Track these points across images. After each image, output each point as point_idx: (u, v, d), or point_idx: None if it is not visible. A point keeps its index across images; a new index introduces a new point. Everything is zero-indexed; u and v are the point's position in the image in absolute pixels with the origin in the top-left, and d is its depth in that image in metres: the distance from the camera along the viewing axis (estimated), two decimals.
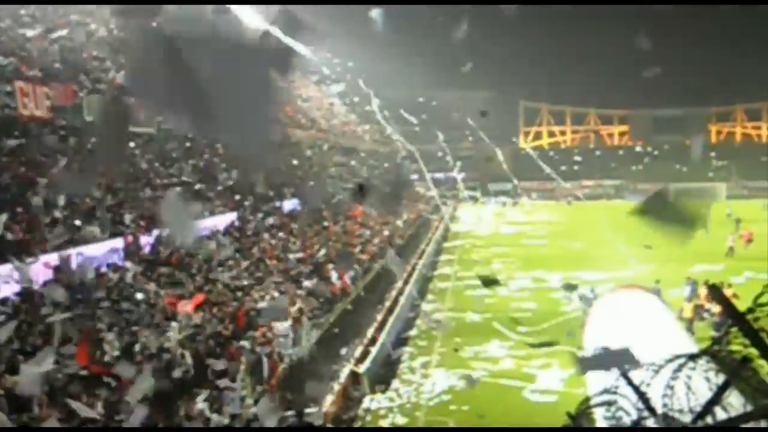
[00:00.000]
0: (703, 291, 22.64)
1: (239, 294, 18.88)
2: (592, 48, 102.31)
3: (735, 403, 3.02)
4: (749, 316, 2.12)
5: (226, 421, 12.56)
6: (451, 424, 15.55)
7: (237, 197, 28.60)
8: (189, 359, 13.85)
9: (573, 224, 58.73)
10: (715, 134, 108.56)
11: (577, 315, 23.15)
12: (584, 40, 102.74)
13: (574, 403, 5.50)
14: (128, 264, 17.23)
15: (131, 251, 18.01)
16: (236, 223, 26.22)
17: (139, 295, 15.61)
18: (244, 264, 21.84)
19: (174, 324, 14.88)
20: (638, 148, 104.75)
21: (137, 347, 13.31)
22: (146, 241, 19.09)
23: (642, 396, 3.24)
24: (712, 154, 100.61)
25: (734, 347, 2.38)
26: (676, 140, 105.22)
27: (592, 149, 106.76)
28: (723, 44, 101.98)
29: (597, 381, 13.11)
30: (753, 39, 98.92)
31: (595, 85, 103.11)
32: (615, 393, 3.93)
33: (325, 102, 71.76)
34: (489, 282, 22.63)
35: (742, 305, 2.44)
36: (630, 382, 3.39)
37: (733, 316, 2.07)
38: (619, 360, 4.21)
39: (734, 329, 2.13)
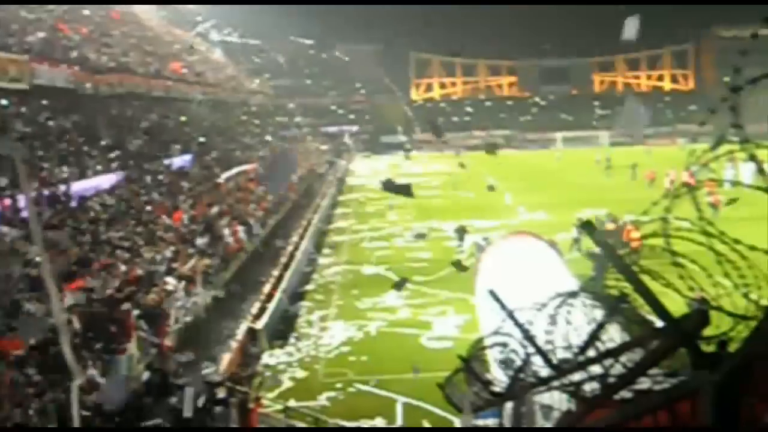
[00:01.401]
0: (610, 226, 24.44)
1: (129, 255, 18.25)
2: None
3: (616, 336, 3.12)
4: (623, 252, 2.17)
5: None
6: (351, 375, 15.72)
7: (122, 155, 27.53)
8: (77, 324, 13.33)
9: (465, 174, 59.79)
10: (598, 84, 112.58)
11: (471, 262, 23.73)
12: None
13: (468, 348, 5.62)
14: (5, 229, 16.32)
15: (8, 216, 17.06)
16: (122, 183, 25.26)
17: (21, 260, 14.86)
18: (133, 224, 21.12)
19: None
20: (527, 98, 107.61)
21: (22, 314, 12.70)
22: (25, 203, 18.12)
23: (527, 334, 3.31)
24: (596, 103, 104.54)
25: (611, 283, 2.44)
26: (562, 90, 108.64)
27: (483, 100, 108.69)
28: None
29: (489, 325, 13.51)
30: None
31: (483, 36, 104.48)
32: (504, 334, 4.01)
33: (212, 56, 69.63)
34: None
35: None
36: (516, 322, 3.46)
37: (606, 253, 2.11)
38: None
39: (611, 266, 2.19)
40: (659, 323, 2.09)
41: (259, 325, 17.78)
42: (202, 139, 38.43)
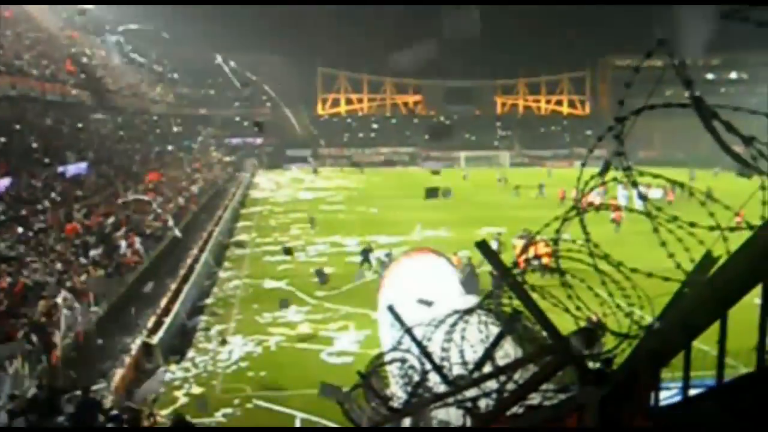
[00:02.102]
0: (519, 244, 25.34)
1: (14, 266, 17.42)
2: (389, 18, 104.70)
3: (511, 352, 3.20)
4: (515, 271, 2.23)
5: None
6: (249, 390, 15.46)
7: (12, 160, 26.29)
8: None
9: (369, 190, 60.30)
10: (500, 106, 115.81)
11: (373, 278, 23.86)
12: (381, 9, 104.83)
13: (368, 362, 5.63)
14: None
15: None
16: (11, 190, 24.11)
17: None
18: (22, 233, 20.18)
19: None
20: (432, 117, 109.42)
21: None
22: None
23: (424, 350, 3.36)
24: (498, 123, 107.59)
25: (504, 300, 2.51)
26: (466, 110, 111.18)
27: (388, 117, 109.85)
28: (508, 21, 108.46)
29: (390, 341, 13.61)
30: (533, 18, 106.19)
31: (390, 54, 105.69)
32: (403, 351, 4.05)
33: (112, 61, 67.57)
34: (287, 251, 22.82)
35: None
36: (413, 338, 3.50)
37: (499, 271, 2.17)
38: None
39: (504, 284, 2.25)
40: (550, 341, 2.17)
41: (155, 339, 17.26)
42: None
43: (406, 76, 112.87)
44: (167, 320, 18.74)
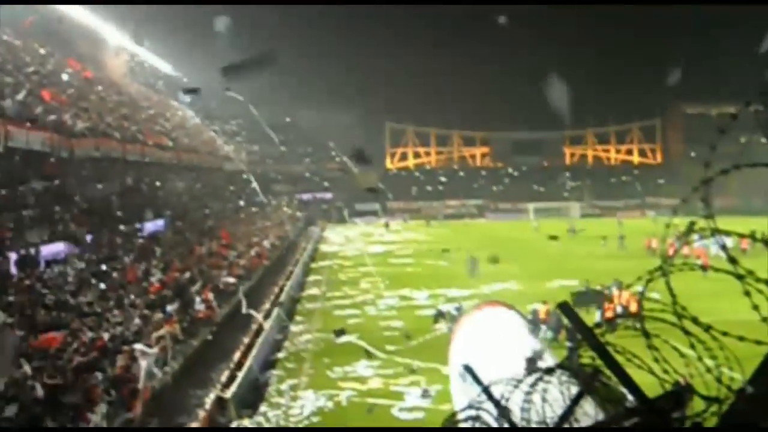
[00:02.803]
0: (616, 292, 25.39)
1: (96, 321, 17.95)
2: (454, 71, 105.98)
3: (591, 413, 3.14)
4: (597, 331, 2.21)
5: None
6: None
7: (94, 219, 27.33)
8: (40, 391, 13.00)
9: (437, 243, 60.20)
10: (569, 156, 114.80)
11: (444, 332, 23.67)
12: (449, 64, 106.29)
13: (441, 419, 5.57)
14: None
15: None
16: (93, 247, 25.01)
17: None
18: (102, 289, 20.84)
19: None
20: (500, 169, 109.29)
21: None
22: None
23: (502, 410, 3.32)
24: (567, 174, 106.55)
25: (585, 360, 2.48)
26: (534, 162, 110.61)
27: (456, 170, 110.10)
28: (575, 71, 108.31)
29: (462, 397, 13.41)
30: (600, 68, 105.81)
31: (458, 107, 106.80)
32: (478, 408, 4.00)
33: (187, 121, 70.06)
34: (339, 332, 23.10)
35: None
36: (491, 397, 3.46)
37: (581, 331, 2.16)
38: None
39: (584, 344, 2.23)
40: (634, 402, 2.13)
41: (228, 393, 17.44)
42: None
43: (474, 128, 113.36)
44: (240, 374, 18.95)
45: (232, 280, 30.30)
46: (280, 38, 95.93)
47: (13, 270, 18.96)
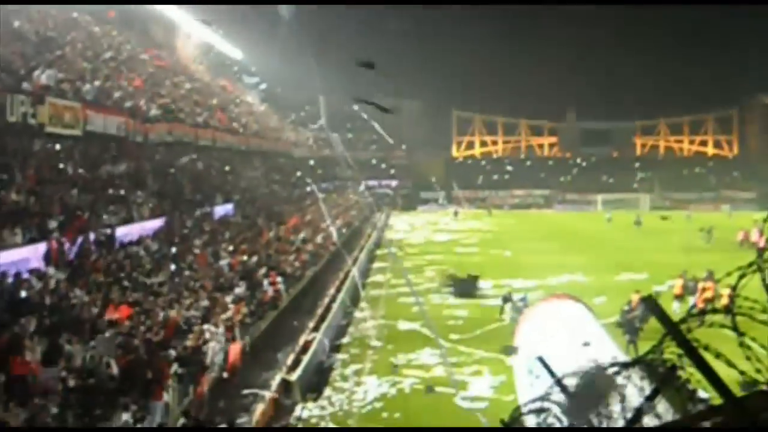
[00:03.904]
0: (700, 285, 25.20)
1: (168, 301, 18.46)
2: (524, 59, 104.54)
3: (663, 413, 3.08)
4: (683, 327, 2.16)
5: None
6: None
7: (166, 202, 28.02)
8: (115, 368, 13.47)
9: (503, 232, 59.73)
10: (640, 147, 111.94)
11: (508, 323, 23.52)
12: (517, 52, 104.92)
13: (503, 409, 5.57)
14: (51, 270, 16.65)
15: (55, 257, 17.41)
16: (165, 229, 25.68)
17: (64, 303, 15.10)
18: (174, 270, 21.40)
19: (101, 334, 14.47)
20: (568, 159, 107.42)
21: (61, 356, 12.86)
22: (71, 247, 18.50)
23: (575, 403, 3.28)
24: (636, 165, 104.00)
25: (668, 356, 2.43)
26: (603, 152, 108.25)
27: (523, 159, 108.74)
28: (647, 60, 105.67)
29: (526, 388, 13.33)
30: (675, 57, 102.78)
31: (526, 96, 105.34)
32: (548, 400, 3.97)
33: (257, 107, 71.07)
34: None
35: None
36: (564, 390, 3.42)
37: (667, 326, 2.12)
38: None
39: (668, 339, 2.18)
40: (712, 399, 2.08)
41: (294, 376, 17.72)
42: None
43: (542, 117, 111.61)
44: (305, 358, 19.22)
45: (298, 264, 30.72)
46: (347, 25, 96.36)
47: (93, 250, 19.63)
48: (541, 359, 4.11)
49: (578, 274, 34.68)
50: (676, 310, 23.55)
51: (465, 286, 30.87)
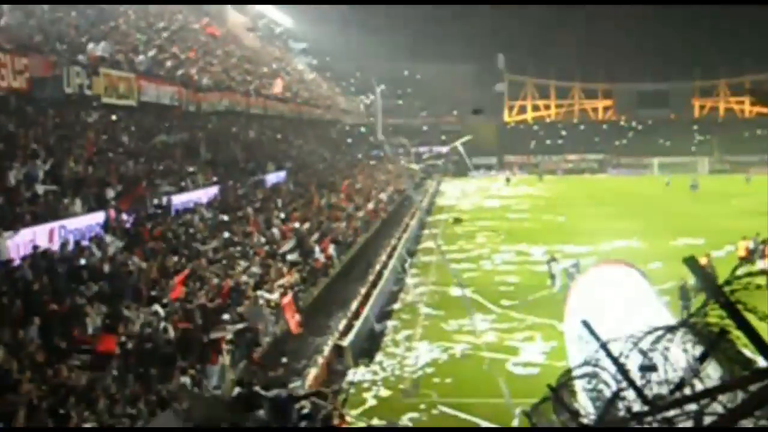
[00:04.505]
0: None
1: (222, 267, 18.82)
2: (577, 21, 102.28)
3: (712, 374, 3.04)
4: (726, 288, 2.12)
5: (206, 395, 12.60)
6: (435, 397, 15.66)
7: (220, 170, 28.43)
8: (172, 333, 13.83)
9: (556, 198, 59.02)
10: (698, 109, 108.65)
11: (556, 291, 23.35)
12: (568, 14, 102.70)
13: (555, 375, 5.54)
14: (110, 238, 17.09)
15: (113, 225, 17.87)
16: (219, 197, 26.08)
17: (123, 269, 15.52)
18: (228, 237, 21.76)
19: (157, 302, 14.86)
20: (622, 123, 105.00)
21: (121, 321, 13.26)
22: (128, 216, 18.95)
23: (621, 368, 3.26)
24: (695, 128, 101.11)
25: (712, 319, 2.39)
26: (660, 115, 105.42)
27: (576, 123, 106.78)
28: (704, 18, 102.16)
29: (577, 354, 13.23)
30: (733, 14, 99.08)
31: (579, 58, 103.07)
32: (595, 365, 3.95)
33: (307, 74, 71.22)
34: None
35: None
36: (609, 354, 3.40)
37: (710, 289, 2.08)
38: None
39: (712, 301, 2.14)
40: (763, 364, 2.04)
41: (346, 342, 17.96)
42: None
43: (596, 80, 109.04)
44: (357, 324, 19.45)
45: (349, 232, 30.92)
46: None
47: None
48: (585, 323, 4.08)
49: (633, 240, 34.12)
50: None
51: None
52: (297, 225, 26.72)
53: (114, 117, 25.08)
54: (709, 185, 61.49)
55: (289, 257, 22.68)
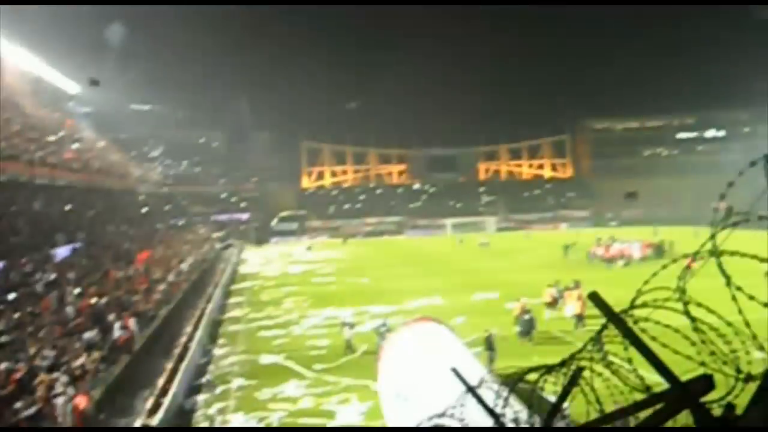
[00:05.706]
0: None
1: (11, 351, 17.10)
2: (370, 89, 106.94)
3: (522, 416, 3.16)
4: (626, 317, 2.23)
5: None
6: None
7: (1, 247, 26.09)
8: None
9: (358, 260, 60.27)
10: (483, 171, 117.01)
11: (371, 349, 23.60)
12: (362, 82, 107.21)
13: None
14: None
15: None
16: (2, 275, 23.85)
17: None
18: (16, 318, 19.88)
19: None
20: (416, 186, 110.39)
21: None
22: None
23: (490, 409, 3.30)
24: (482, 189, 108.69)
25: (609, 347, 2.50)
26: (449, 178, 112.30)
27: (373, 188, 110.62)
28: (487, 89, 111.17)
29: (394, 412, 13.41)
30: (510, 83, 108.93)
31: (374, 125, 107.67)
32: (448, 417, 3.98)
33: (97, 143, 67.99)
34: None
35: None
36: (480, 400, 3.44)
37: (611, 319, 2.16)
38: None
39: (606, 332, 2.24)
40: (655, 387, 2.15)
41: (155, 421, 16.86)
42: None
43: (390, 146, 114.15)
44: (165, 401, 18.36)
45: (150, 304, 29.40)
46: (192, 58, 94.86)
47: None
48: (454, 370, 4.12)
49: (435, 297, 35.49)
50: (547, 317, 26.60)
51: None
52: (93, 300, 25.01)
53: None
54: (498, 243, 65.88)
55: (87, 335, 21.08)
